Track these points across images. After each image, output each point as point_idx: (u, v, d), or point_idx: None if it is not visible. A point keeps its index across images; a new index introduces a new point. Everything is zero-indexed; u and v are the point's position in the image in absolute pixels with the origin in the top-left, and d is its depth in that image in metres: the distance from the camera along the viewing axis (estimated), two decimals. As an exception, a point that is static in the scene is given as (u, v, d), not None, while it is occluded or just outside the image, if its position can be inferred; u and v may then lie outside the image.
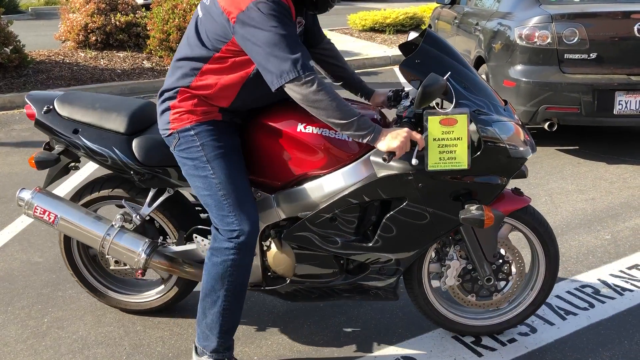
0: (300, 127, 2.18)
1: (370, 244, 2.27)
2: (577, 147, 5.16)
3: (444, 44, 2.22)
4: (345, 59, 2.60)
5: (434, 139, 2.03)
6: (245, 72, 2.12)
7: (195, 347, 2.29)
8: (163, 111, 2.23)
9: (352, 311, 2.79)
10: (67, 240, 2.66)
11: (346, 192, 2.20)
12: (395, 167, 2.15)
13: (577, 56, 4.64)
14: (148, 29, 8.59)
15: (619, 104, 4.59)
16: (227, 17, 2.00)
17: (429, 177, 2.15)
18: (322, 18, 2.43)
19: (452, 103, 2.07)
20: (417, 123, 2.11)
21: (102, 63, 8.33)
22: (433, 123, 2.02)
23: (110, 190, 2.54)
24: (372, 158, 2.17)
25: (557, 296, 2.87)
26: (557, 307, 2.79)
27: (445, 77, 2.02)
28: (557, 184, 4.36)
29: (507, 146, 2.14)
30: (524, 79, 4.74)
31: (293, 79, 1.97)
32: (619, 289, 2.94)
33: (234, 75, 2.12)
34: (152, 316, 2.76)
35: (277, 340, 2.59)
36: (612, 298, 2.86)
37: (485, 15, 5.66)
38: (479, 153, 2.13)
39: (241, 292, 2.22)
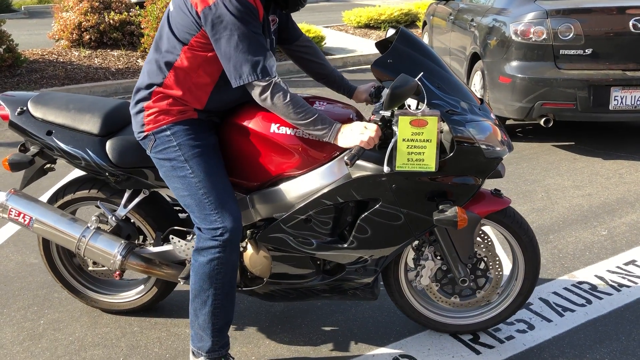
0: (274, 128, 2.17)
1: (345, 245, 2.26)
2: (573, 143, 5.16)
3: (418, 43, 2.20)
4: (340, 55, 2.60)
5: (404, 140, 2.02)
6: (215, 73, 2.12)
7: (192, 350, 2.28)
8: (137, 112, 2.20)
9: (349, 310, 2.78)
10: (45, 242, 2.65)
11: (320, 193, 2.19)
12: (368, 168, 2.14)
13: (572, 52, 4.64)
14: (142, 27, 8.55)
15: (615, 100, 4.60)
16: (195, 9, 2.02)
17: (403, 178, 2.14)
18: (316, 15, 2.45)
19: (424, 104, 2.04)
20: (385, 125, 2.09)
21: (96, 62, 8.29)
22: (403, 123, 2.00)
23: (87, 191, 2.53)
24: (345, 159, 2.15)
25: (555, 293, 2.88)
26: (555, 303, 2.79)
27: (417, 78, 2.00)
28: (553, 180, 4.36)
29: (482, 146, 2.12)
30: (519, 75, 4.74)
31: (251, 81, 2.00)
32: (616, 285, 2.94)
33: (205, 76, 2.13)
34: (149, 317, 2.75)
35: (275, 340, 2.58)
36: (609, 294, 2.86)
37: (480, 12, 5.65)
38: (452, 154, 2.11)
39: (230, 289, 2.21)
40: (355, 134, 2.03)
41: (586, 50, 4.63)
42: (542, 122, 4.75)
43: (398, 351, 2.49)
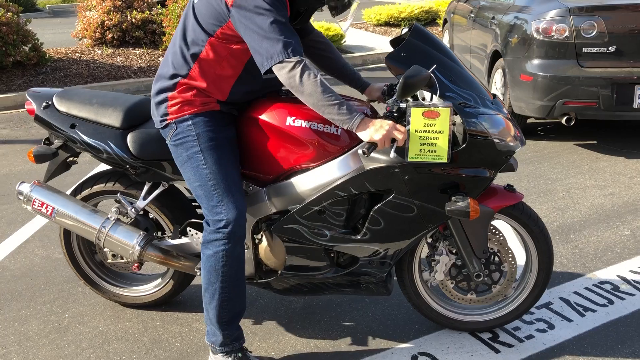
0: (290, 121, 2.20)
1: (359, 237, 2.28)
2: (595, 142, 5.10)
3: (432, 38, 2.22)
4: (360, 53, 2.62)
5: (416, 131, 2.05)
6: (239, 65, 2.16)
7: (209, 346, 2.32)
8: (160, 102, 2.24)
9: (368, 307, 2.79)
10: (67, 238, 2.72)
11: (334, 185, 2.22)
12: (382, 159, 2.16)
13: (595, 49, 4.59)
14: (164, 25, 8.64)
15: (639, 98, 4.53)
16: (225, 1, 2.05)
17: (416, 169, 2.16)
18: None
19: (437, 95, 2.07)
20: (400, 116, 2.11)
21: (118, 60, 8.39)
22: (416, 114, 2.03)
23: (103, 185, 2.60)
24: (360, 151, 2.17)
25: (576, 292, 2.85)
26: (576, 303, 2.77)
27: (430, 70, 2.03)
28: (575, 179, 4.32)
29: (494, 139, 2.13)
30: (541, 73, 4.70)
31: (281, 61, 2.00)
32: (638, 286, 2.90)
33: (228, 68, 2.16)
34: (171, 312, 2.79)
35: (294, 336, 2.61)
36: (632, 295, 2.83)
37: (501, 9, 5.61)
38: (464, 146, 2.12)
39: (237, 282, 2.24)
40: (382, 131, 2.01)
41: (609, 48, 4.57)
42: (563, 120, 4.71)
43: (417, 349, 2.50)
